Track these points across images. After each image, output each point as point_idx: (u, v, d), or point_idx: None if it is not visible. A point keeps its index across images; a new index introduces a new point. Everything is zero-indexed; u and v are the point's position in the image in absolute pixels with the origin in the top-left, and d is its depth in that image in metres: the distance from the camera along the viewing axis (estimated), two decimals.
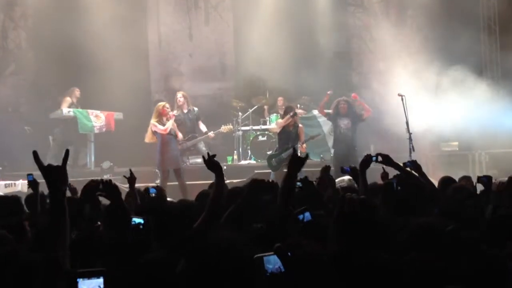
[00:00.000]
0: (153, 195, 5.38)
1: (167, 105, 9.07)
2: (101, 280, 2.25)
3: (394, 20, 11.69)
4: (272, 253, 2.25)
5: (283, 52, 11.47)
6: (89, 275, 2.25)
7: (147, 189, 5.54)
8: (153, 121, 8.96)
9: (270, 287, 2.22)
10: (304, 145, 9.25)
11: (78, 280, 2.23)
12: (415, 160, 5.15)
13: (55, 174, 2.44)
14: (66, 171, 2.47)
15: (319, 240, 2.58)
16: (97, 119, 10.65)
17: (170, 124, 8.84)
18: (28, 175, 5.22)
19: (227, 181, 8.75)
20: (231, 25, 12.66)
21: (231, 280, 2.20)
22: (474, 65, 10.70)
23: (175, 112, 9.10)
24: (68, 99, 10.89)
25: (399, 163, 4.85)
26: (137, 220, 3.34)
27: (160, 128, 8.83)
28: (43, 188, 5.11)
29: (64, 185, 2.47)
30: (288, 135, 9.26)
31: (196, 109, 10.30)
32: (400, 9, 12.03)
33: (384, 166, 5.12)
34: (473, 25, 11.74)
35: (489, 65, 11.92)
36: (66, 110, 10.60)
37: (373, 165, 4.74)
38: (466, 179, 6.08)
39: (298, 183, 4.35)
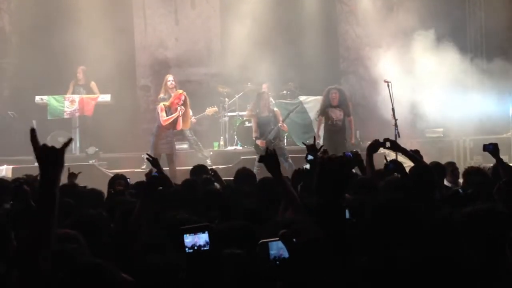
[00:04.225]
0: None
1: (183, 97, 8.73)
2: (206, 234, 2.33)
3: (380, 5, 11.67)
4: (277, 239, 2.28)
5: (269, 38, 11.42)
6: (194, 231, 2.33)
7: (150, 173, 5.54)
8: (162, 104, 8.78)
9: (273, 272, 2.26)
10: (285, 124, 9.40)
11: (184, 236, 2.32)
12: (418, 150, 5.19)
13: (51, 157, 2.14)
14: (64, 155, 2.17)
15: None
16: (71, 104, 10.49)
17: (171, 119, 8.61)
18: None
19: (213, 167, 8.80)
20: (218, 10, 12.55)
21: None
22: (460, 51, 10.75)
23: (181, 108, 8.67)
24: (72, 83, 10.86)
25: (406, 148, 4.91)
26: None
27: (163, 116, 8.64)
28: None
29: (59, 170, 2.15)
30: (267, 120, 9.32)
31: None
32: None
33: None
34: (459, 9, 11.77)
35: (475, 51, 11.97)
36: (38, 98, 10.52)
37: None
38: (451, 165, 6.15)
39: (311, 157, 4.46)
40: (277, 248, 2.32)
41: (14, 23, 11.75)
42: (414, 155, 4.84)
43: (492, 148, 5.03)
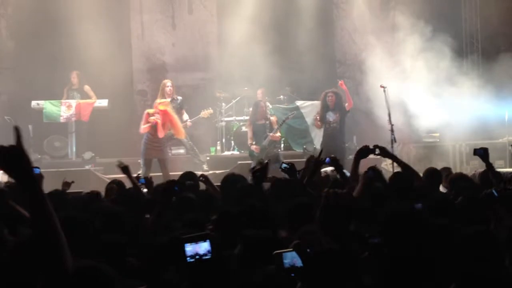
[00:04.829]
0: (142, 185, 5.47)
1: (164, 108, 8.90)
2: (207, 243, 2.31)
3: (378, 11, 11.71)
4: (291, 249, 2.30)
5: (267, 42, 11.44)
6: (196, 240, 2.31)
7: (137, 178, 5.59)
8: (147, 112, 9.01)
9: (288, 281, 2.28)
10: (278, 133, 9.49)
11: (185, 245, 2.29)
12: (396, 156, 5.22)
13: (12, 155, 1.87)
14: (23, 148, 1.92)
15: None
16: (67, 109, 10.49)
17: (148, 129, 8.78)
18: (34, 168, 5.16)
19: (209, 172, 8.80)
20: (215, 15, 12.58)
21: None
22: (456, 56, 10.79)
23: (155, 118, 8.85)
24: (65, 89, 10.88)
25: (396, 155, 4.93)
26: None
27: (141, 125, 8.83)
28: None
29: (27, 165, 1.90)
30: (263, 127, 9.37)
31: (180, 98, 10.25)
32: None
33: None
34: (456, 15, 11.82)
35: (471, 57, 12.02)
36: (34, 103, 10.54)
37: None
38: (447, 170, 6.16)
39: (286, 165, 4.49)
40: (291, 257, 2.35)
41: (11, 28, 11.75)
42: (403, 162, 4.88)
43: (482, 153, 5.04)
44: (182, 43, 12.49)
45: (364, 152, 4.79)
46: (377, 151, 4.84)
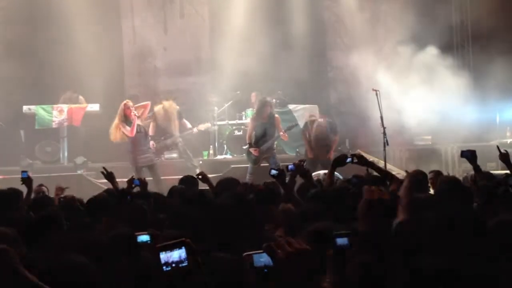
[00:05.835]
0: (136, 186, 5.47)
1: (130, 104, 8.74)
2: (182, 250, 2.24)
3: (369, 14, 11.76)
4: (261, 251, 2.28)
5: (258, 46, 11.45)
6: (171, 248, 2.24)
7: (131, 180, 5.57)
8: (118, 121, 8.71)
9: (259, 281, 2.26)
10: (286, 134, 9.17)
11: (160, 253, 2.22)
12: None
13: None
14: None
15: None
16: (59, 114, 10.44)
17: (134, 126, 8.60)
18: (23, 172, 5.25)
19: None
20: (207, 19, 12.58)
21: None
22: (448, 59, 10.84)
23: (135, 113, 8.65)
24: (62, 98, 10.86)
25: (374, 161, 4.97)
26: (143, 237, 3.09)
27: (127, 130, 8.64)
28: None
29: None
30: (264, 127, 9.13)
31: (177, 107, 10.25)
32: (374, 3, 12.11)
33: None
34: (446, 18, 11.89)
35: (463, 59, 12.09)
36: (26, 107, 10.50)
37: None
38: (436, 173, 6.14)
39: (274, 172, 4.47)
40: (262, 257, 2.32)
41: (1, 32, 11.69)
42: (381, 168, 4.93)
43: (469, 155, 5.05)
44: (174, 48, 12.48)
45: (341, 160, 4.85)
46: (354, 159, 4.91)
